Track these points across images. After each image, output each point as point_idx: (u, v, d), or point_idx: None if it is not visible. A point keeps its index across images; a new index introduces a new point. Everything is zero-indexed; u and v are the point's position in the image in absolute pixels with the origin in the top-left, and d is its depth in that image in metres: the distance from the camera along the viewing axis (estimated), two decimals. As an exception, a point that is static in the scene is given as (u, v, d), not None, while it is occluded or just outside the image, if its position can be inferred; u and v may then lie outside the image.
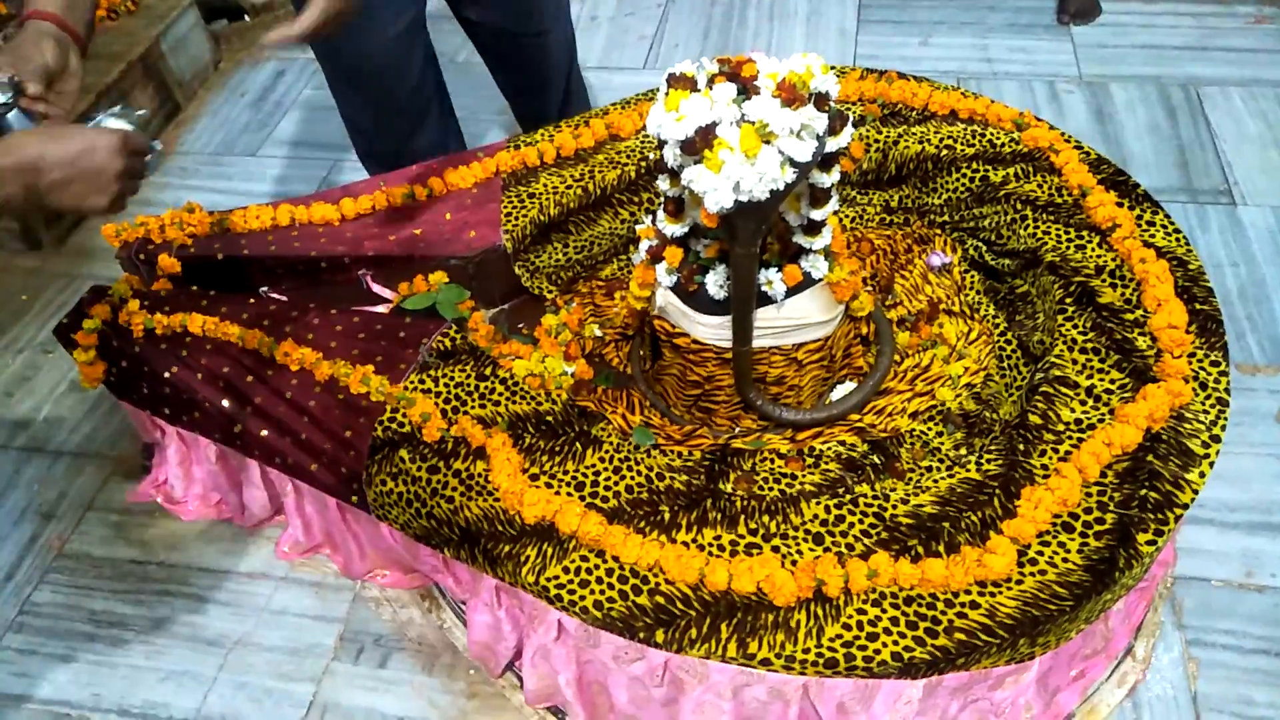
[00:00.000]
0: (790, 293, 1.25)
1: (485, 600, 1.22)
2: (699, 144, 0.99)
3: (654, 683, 1.11)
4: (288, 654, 1.44)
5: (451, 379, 1.31)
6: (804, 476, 1.32)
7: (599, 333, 1.55)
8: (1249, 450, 1.57)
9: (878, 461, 1.33)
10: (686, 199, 1.21)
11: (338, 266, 1.55)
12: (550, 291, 1.61)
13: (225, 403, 1.38)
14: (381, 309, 1.59)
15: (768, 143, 1.00)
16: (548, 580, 1.09)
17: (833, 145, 1.05)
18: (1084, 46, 2.44)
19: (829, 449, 1.34)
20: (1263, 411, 1.63)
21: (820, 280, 1.27)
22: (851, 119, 1.07)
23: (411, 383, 1.31)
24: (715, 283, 1.23)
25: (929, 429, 1.36)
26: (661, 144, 1.06)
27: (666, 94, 1.02)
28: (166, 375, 1.41)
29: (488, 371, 1.33)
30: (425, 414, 1.25)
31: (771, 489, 1.31)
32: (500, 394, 1.30)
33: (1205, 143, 2.13)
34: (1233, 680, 1.30)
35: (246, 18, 2.95)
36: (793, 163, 1.00)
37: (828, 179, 1.12)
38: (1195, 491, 1.11)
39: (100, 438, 1.77)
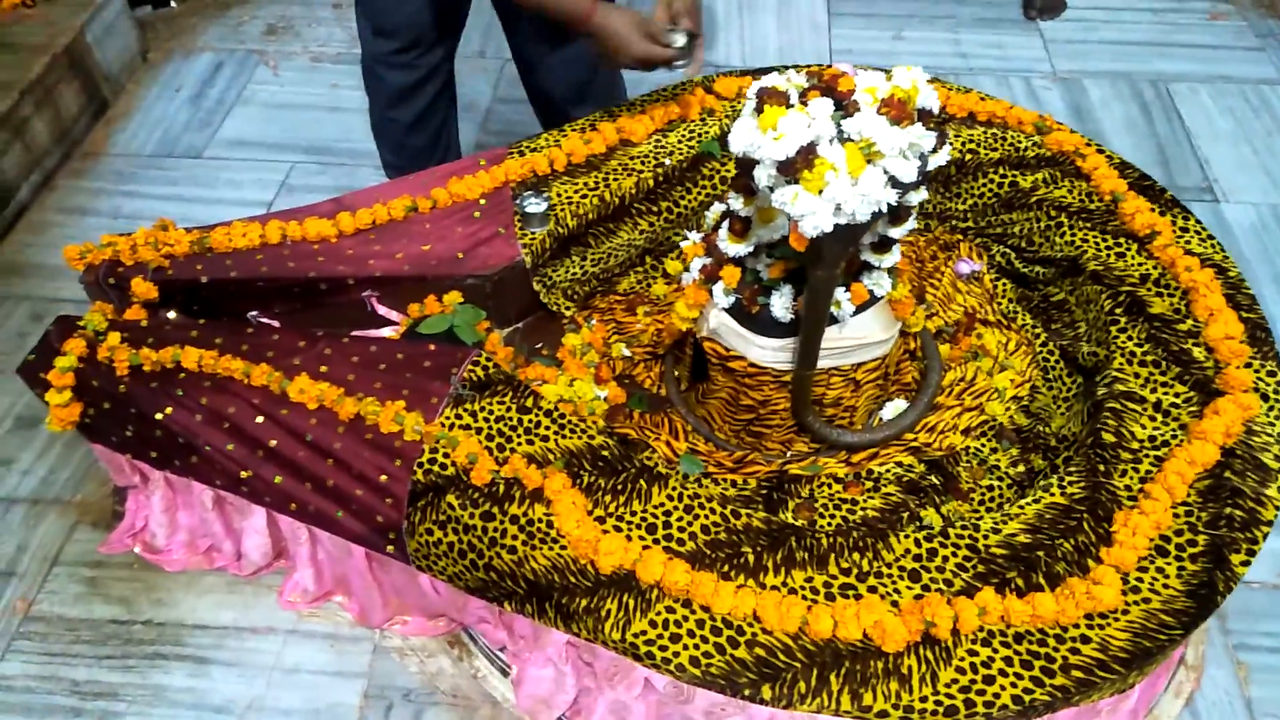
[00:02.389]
0: (855, 312, 1.19)
1: (550, 655, 1.13)
2: (799, 164, 0.92)
3: (748, 737, 1.04)
4: (308, 716, 1.31)
5: (491, 413, 1.21)
6: (864, 501, 1.27)
7: (627, 352, 1.46)
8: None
9: (937, 482, 1.30)
10: (754, 217, 1.14)
11: (339, 288, 1.42)
12: (568, 308, 1.51)
13: (231, 446, 1.24)
14: (388, 332, 1.46)
15: (871, 163, 0.93)
16: (635, 636, 1.01)
17: (933, 163, 0.99)
18: (1054, 42, 2.46)
19: (887, 471, 1.30)
20: (1271, 409, 1.66)
21: (883, 298, 1.22)
22: (949, 136, 1.01)
23: (448, 419, 1.20)
24: (782, 305, 1.16)
25: (983, 445, 1.33)
26: (747, 163, 0.98)
27: (760, 111, 0.95)
28: (158, 417, 1.26)
29: (529, 403, 1.23)
30: (472, 455, 1.14)
31: (833, 516, 1.26)
32: (547, 428, 1.20)
33: (1181, 140, 2.17)
34: (1282, 683, 1.32)
35: (174, 3, 2.71)
36: (896, 182, 0.94)
37: (915, 196, 1.06)
38: (1277, 507, 1.10)
39: (59, 482, 1.59)
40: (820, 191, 0.92)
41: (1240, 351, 1.22)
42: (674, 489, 1.14)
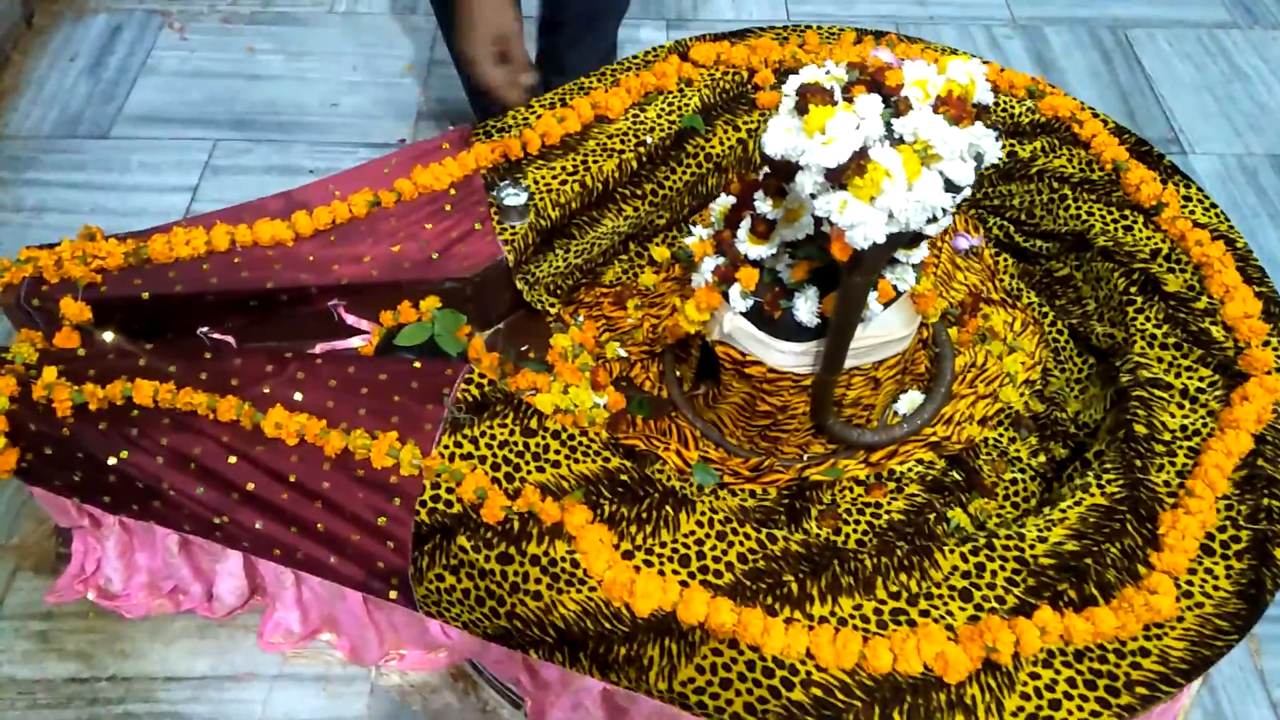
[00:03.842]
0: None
1: (582, 700, 1.05)
2: (851, 171, 0.83)
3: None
4: (305, 769, 1.22)
5: (494, 438, 1.10)
6: (889, 504, 1.22)
7: (623, 352, 1.37)
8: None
9: (959, 478, 1.25)
10: (779, 219, 1.05)
11: (302, 298, 1.28)
12: (552, 305, 1.40)
13: (201, 490, 1.10)
14: (358, 342, 1.33)
15: (926, 166, 0.85)
16: (683, 685, 0.94)
17: (986, 161, 0.91)
18: (1011, -13, 2.40)
19: (908, 470, 1.25)
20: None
21: (906, 292, 1.15)
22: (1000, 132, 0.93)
23: (447, 448, 1.09)
24: (808, 309, 1.08)
25: (1001, 435, 1.29)
26: (786, 167, 0.89)
27: (803, 111, 0.85)
28: (112, 462, 1.11)
29: (534, 424, 1.12)
30: (481, 490, 1.04)
31: (858, 521, 1.21)
32: (557, 451, 1.10)
33: (1144, 89, 2.15)
34: (1291, 651, 1.34)
35: (55, -42, 2.42)
36: (951, 186, 0.86)
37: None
38: (1312, 494, 1.09)
39: (-11, 523, 1.42)
40: (873, 200, 0.84)
41: (1259, 330, 1.20)
42: (703, 514, 1.06)
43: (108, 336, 1.26)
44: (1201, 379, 1.18)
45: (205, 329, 1.30)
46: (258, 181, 1.93)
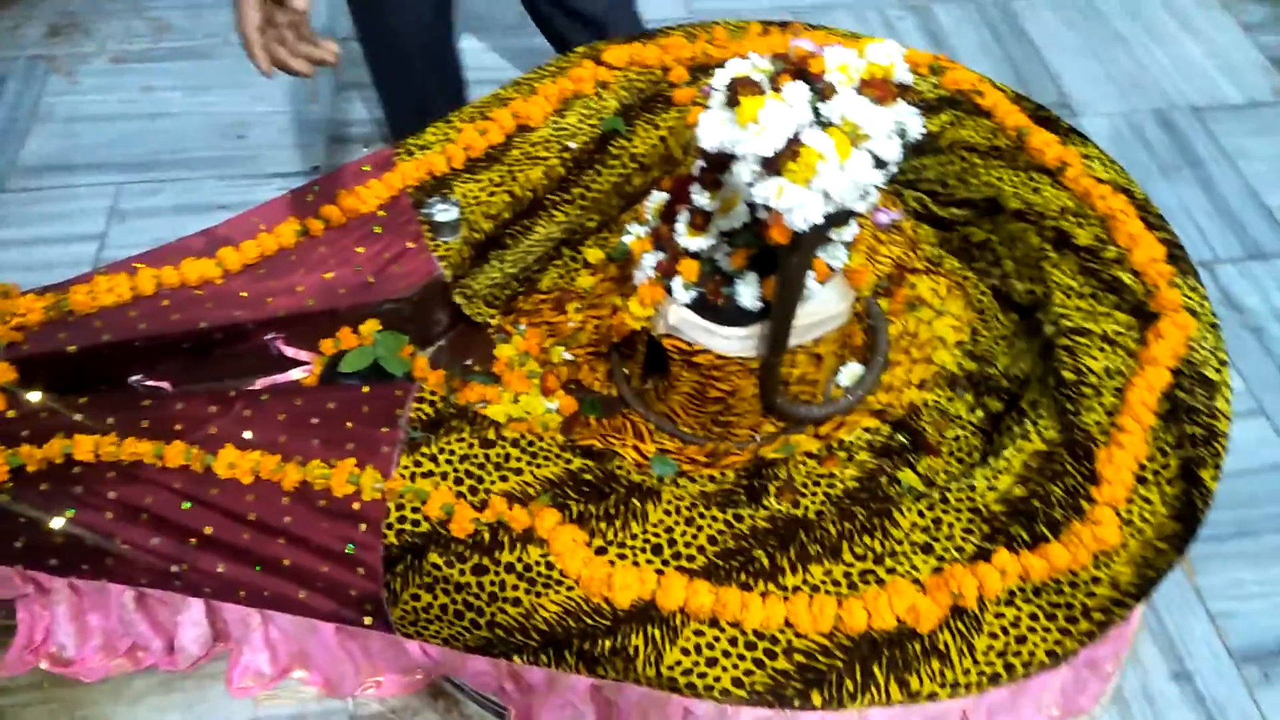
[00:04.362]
0: (817, 288, 1.16)
1: (569, 699, 1.06)
2: (785, 156, 0.86)
3: (793, 741, 1.02)
4: (293, 811, 1.19)
5: (453, 453, 1.11)
6: (842, 473, 1.26)
7: (568, 356, 1.38)
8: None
9: (905, 441, 1.30)
10: (715, 210, 1.07)
11: (237, 335, 1.26)
12: (492, 316, 1.41)
13: (157, 541, 1.08)
14: (299, 374, 1.31)
15: (855, 146, 0.89)
16: (670, 669, 0.96)
17: (909, 137, 0.96)
18: (896, -32, 2.49)
19: (857, 439, 1.29)
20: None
21: (840, 269, 1.19)
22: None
23: (407, 468, 1.08)
24: (750, 294, 1.11)
25: (939, 396, 1.35)
26: (720, 159, 0.91)
27: (735, 103, 0.88)
28: (57, 524, 1.08)
29: (492, 435, 1.13)
30: (447, 506, 1.04)
31: (815, 492, 1.25)
32: (518, 459, 1.11)
33: (1032, 58, 2.25)
34: (1221, 568, 1.43)
35: (-77, 10, 2.31)
36: (880, 162, 0.90)
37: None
38: (1228, 418, 1.17)
39: (-77, 602, 1.35)
40: (808, 182, 0.87)
41: (1165, 272, 1.28)
42: (669, 503, 1.08)
43: (34, 396, 1.22)
44: (1118, 322, 1.25)
45: (138, 377, 1.27)
46: (169, 222, 1.87)
